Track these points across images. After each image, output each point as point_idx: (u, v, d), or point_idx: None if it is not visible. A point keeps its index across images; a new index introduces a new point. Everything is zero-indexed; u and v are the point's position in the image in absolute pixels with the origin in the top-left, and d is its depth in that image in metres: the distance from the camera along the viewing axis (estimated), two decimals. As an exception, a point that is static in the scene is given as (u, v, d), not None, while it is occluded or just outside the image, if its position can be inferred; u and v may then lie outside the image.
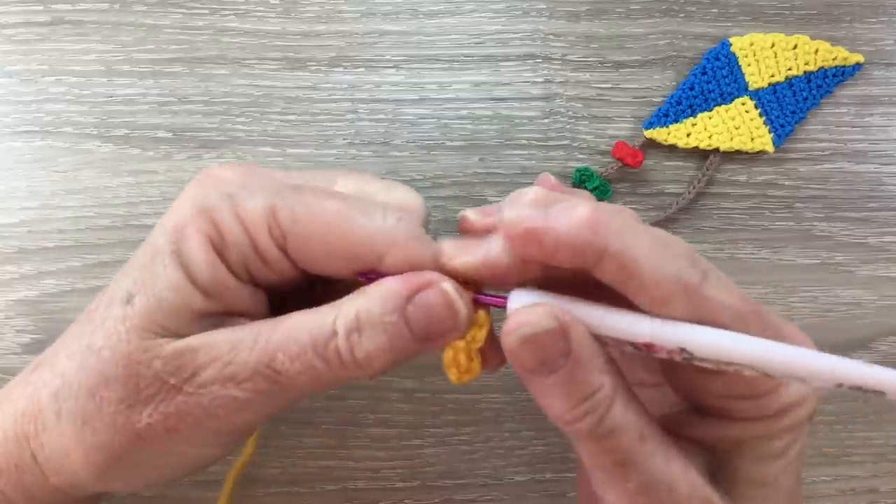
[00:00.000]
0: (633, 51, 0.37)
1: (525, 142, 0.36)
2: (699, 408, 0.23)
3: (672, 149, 0.36)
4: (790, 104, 0.37)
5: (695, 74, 0.37)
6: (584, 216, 0.19)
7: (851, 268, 0.36)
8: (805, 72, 0.37)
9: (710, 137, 0.36)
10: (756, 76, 0.37)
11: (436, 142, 0.36)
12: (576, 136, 0.36)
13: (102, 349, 0.21)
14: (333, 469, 0.34)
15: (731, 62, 0.37)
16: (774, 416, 0.21)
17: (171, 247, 0.21)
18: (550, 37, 0.37)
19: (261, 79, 0.36)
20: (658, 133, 0.36)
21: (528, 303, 0.21)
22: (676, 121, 0.36)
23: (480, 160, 0.36)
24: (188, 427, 0.21)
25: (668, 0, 0.38)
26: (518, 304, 0.21)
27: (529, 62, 0.37)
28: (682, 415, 0.24)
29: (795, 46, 0.37)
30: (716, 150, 0.36)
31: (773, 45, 0.37)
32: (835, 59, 0.37)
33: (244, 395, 0.21)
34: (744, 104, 0.37)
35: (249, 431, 0.25)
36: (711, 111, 0.37)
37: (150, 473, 0.23)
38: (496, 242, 0.21)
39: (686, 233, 0.36)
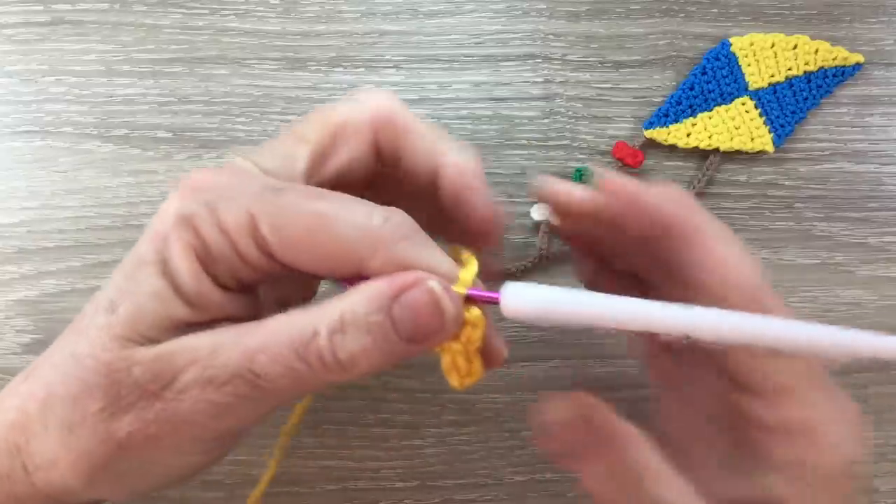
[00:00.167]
0: (633, 51, 0.37)
1: (525, 142, 0.36)
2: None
3: (672, 149, 0.36)
4: (790, 104, 0.37)
5: (695, 74, 0.37)
6: (678, 193, 0.23)
7: (851, 268, 0.36)
8: (805, 72, 0.37)
9: (710, 137, 0.36)
10: (756, 76, 0.37)
11: (436, 142, 0.36)
12: (576, 136, 0.36)
13: (85, 358, 0.21)
14: (333, 469, 0.34)
15: (731, 62, 0.37)
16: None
17: (155, 256, 0.21)
18: (550, 37, 0.37)
19: (261, 79, 0.36)
20: (658, 133, 0.36)
21: (522, 296, 0.21)
22: (676, 121, 0.36)
23: (480, 160, 0.36)
24: (168, 435, 0.21)
25: (668, 0, 0.38)
26: (512, 299, 0.21)
27: (529, 62, 0.37)
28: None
29: (795, 46, 0.37)
30: (716, 150, 0.36)
31: (773, 45, 0.37)
32: (835, 59, 0.37)
33: (224, 400, 0.20)
34: (744, 104, 0.37)
35: (233, 439, 0.24)
36: (711, 111, 0.37)
37: (136, 482, 0.23)
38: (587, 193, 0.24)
39: (686, 233, 0.36)
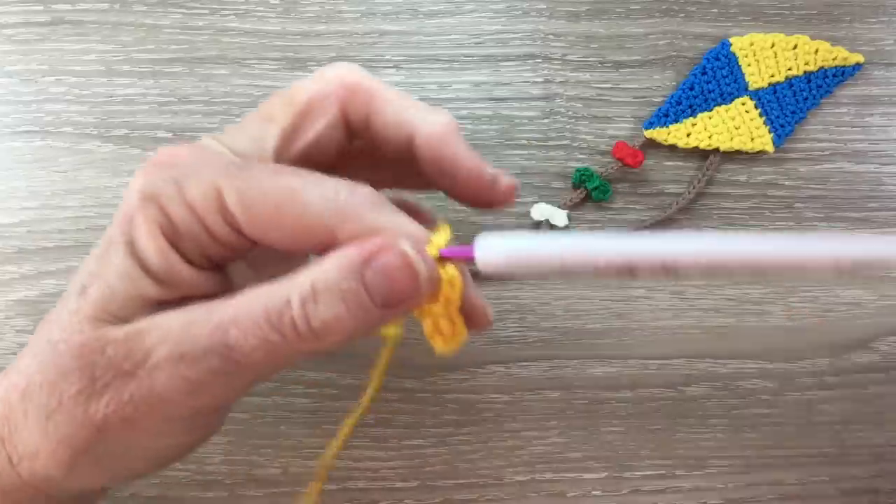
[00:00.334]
0: (633, 51, 0.37)
1: (525, 142, 0.36)
2: None
3: (672, 149, 0.36)
4: (790, 104, 0.37)
5: (695, 74, 0.37)
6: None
7: (851, 268, 0.36)
8: (805, 72, 0.37)
9: (710, 137, 0.36)
10: (756, 76, 0.37)
11: (436, 142, 0.36)
12: (576, 136, 0.36)
13: (59, 342, 0.21)
14: (333, 469, 0.34)
15: (731, 62, 0.37)
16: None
17: (122, 237, 0.21)
18: (550, 37, 0.37)
19: (261, 79, 0.36)
20: (658, 133, 0.36)
21: (495, 247, 0.20)
22: (676, 121, 0.36)
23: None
24: (144, 415, 0.20)
25: (668, 0, 0.38)
26: (485, 251, 0.21)
27: (529, 62, 0.37)
28: None
29: (795, 46, 0.37)
30: (716, 150, 0.36)
31: (773, 45, 0.37)
32: (835, 59, 0.37)
33: (198, 376, 0.20)
34: (744, 104, 0.37)
35: (214, 417, 0.23)
36: (711, 111, 0.37)
37: (118, 467, 0.22)
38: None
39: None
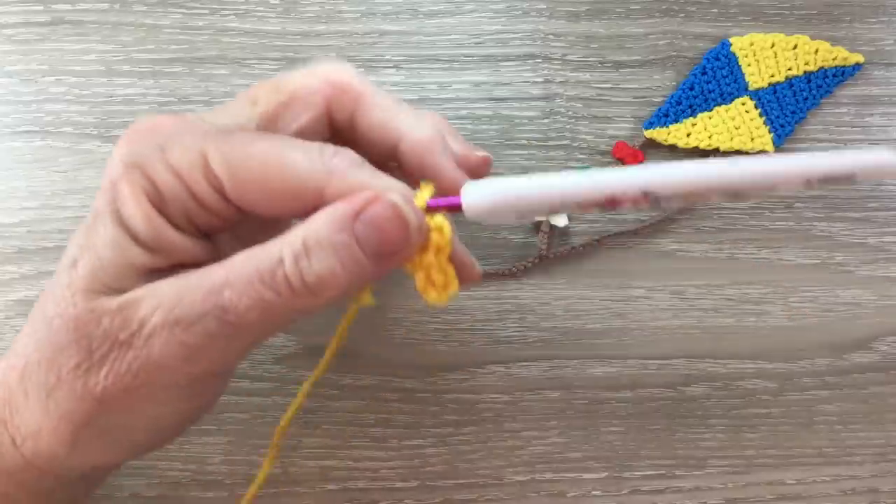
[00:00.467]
0: (633, 51, 0.37)
1: (525, 142, 0.36)
2: None
3: (672, 149, 0.36)
4: (790, 104, 0.37)
5: (695, 74, 0.37)
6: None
7: (851, 268, 0.36)
8: (805, 72, 0.37)
9: (710, 137, 0.36)
10: (756, 76, 0.37)
11: (436, 142, 0.36)
12: (576, 136, 0.36)
13: (54, 318, 0.20)
14: (333, 469, 0.34)
15: (731, 62, 0.37)
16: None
17: (108, 206, 0.21)
18: (550, 37, 0.37)
19: (261, 79, 0.36)
20: (658, 133, 0.36)
21: (482, 190, 0.21)
22: (676, 121, 0.36)
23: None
24: (143, 384, 0.20)
25: (668, 0, 0.38)
26: (473, 196, 0.21)
27: (529, 62, 0.37)
28: None
29: (795, 46, 0.37)
30: (716, 151, 0.36)
31: (773, 45, 0.37)
32: (835, 59, 0.37)
33: (194, 340, 0.20)
34: (744, 104, 0.37)
35: (215, 383, 0.23)
36: (711, 111, 0.37)
37: (121, 441, 0.22)
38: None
39: (686, 233, 0.36)
